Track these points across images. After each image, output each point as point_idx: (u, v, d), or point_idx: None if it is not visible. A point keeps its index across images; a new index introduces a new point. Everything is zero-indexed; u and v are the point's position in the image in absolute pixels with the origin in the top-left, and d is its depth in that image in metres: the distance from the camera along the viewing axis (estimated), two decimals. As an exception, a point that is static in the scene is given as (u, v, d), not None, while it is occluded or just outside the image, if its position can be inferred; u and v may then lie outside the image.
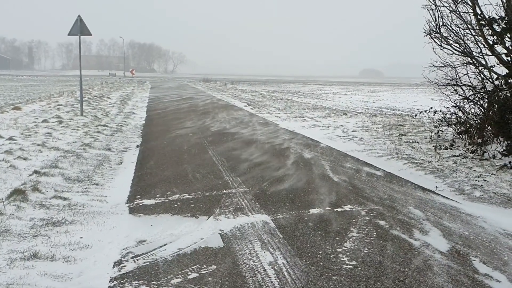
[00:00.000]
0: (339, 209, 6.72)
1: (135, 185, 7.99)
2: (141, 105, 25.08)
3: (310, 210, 6.66)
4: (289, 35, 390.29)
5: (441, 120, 13.20)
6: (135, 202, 6.95)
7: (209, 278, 4.42)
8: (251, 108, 24.66)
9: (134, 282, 4.33)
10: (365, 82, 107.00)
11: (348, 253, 5.10)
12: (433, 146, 11.95)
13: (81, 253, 5.00)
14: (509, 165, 9.40)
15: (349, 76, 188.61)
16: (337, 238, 5.57)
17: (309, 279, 4.43)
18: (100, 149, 11.03)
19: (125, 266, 4.69)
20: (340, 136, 14.53)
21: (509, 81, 10.91)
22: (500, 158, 9.94)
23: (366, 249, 5.25)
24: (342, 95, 43.64)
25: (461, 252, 5.26)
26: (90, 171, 8.82)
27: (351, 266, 4.76)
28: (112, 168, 9.28)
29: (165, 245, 5.28)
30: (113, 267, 4.67)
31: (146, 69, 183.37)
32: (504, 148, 9.97)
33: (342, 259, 4.93)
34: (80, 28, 17.59)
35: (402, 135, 14.30)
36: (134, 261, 4.80)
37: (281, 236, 5.58)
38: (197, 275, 4.50)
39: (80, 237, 5.45)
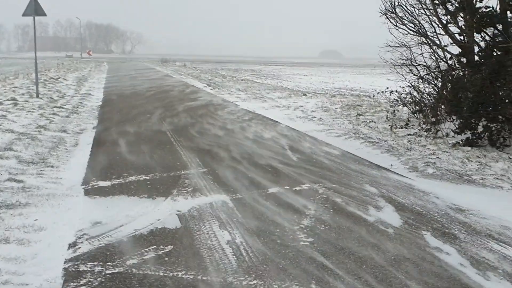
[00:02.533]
0: (297, 188, 6.82)
1: (91, 167, 7.91)
2: (98, 87, 24.71)
3: (269, 189, 6.74)
4: (250, 16, 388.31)
5: (397, 100, 13.44)
6: (91, 184, 6.90)
7: (166, 259, 4.46)
8: (211, 89, 24.58)
9: (89, 263, 4.32)
10: (325, 63, 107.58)
11: (305, 230, 5.21)
12: (389, 125, 12.19)
13: (35, 236, 4.96)
14: (461, 142, 9.67)
15: (309, 57, 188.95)
16: (295, 216, 5.67)
17: (266, 257, 4.52)
18: (55, 131, 10.87)
19: (79, 248, 4.67)
20: (299, 117, 14.67)
21: (462, 60, 11.17)
22: (452, 136, 10.21)
23: (323, 226, 5.37)
24: (302, 76, 43.82)
25: (413, 227, 5.43)
26: (45, 153, 8.70)
27: (307, 243, 4.87)
28: (68, 150, 9.18)
29: (121, 226, 5.27)
30: (68, 249, 4.65)
31: (103, 50, 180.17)
32: (457, 126, 10.23)
33: (299, 236, 5.04)
34: (34, 8, 17.14)
35: (359, 115, 14.53)
36: (89, 243, 4.79)
37: (240, 216, 5.65)
38: (154, 255, 4.52)
39: (35, 220, 5.39)
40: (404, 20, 12.09)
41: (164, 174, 7.49)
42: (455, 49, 11.48)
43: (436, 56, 12.01)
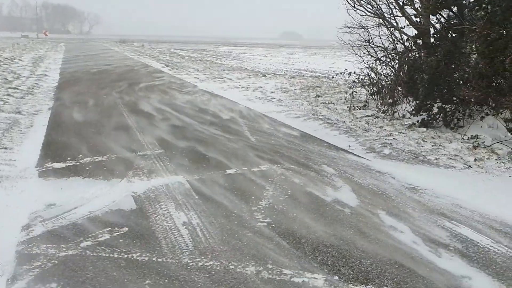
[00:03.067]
0: (255, 169, 6.83)
1: (46, 149, 7.74)
2: (54, 67, 24.16)
3: (226, 170, 6.73)
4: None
5: (355, 82, 13.56)
6: (45, 166, 6.76)
7: (121, 240, 4.41)
8: (170, 70, 24.34)
9: (42, 245, 4.25)
10: (284, 44, 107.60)
11: (262, 211, 5.23)
12: (347, 107, 12.29)
13: (-13, 219, 4.86)
14: (416, 123, 9.83)
15: (269, 38, 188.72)
16: (253, 197, 5.68)
17: (223, 238, 4.52)
18: (10, 112, 10.60)
19: (33, 230, 4.58)
20: (259, 98, 14.65)
21: (418, 42, 11.30)
22: (409, 117, 10.36)
23: (281, 206, 5.39)
24: (261, 57, 43.73)
25: (369, 206, 5.50)
26: (-2, 135, 8.49)
27: (265, 224, 4.88)
28: (22, 131, 8.96)
29: (75, 208, 5.19)
30: (21, 231, 4.56)
31: (60, 31, 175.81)
32: (413, 107, 10.39)
33: (257, 217, 5.05)
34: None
35: (318, 96, 14.60)
36: (43, 225, 4.70)
37: (196, 197, 5.63)
38: (108, 237, 4.47)
39: (-14, 202, 5.28)
40: (362, 1, 12.18)
41: (120, 156, 7.39)
42: (412, 31, 11.63)
43: (393, 37, 12.15)
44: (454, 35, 9.88)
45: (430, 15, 10.91)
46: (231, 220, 4.96)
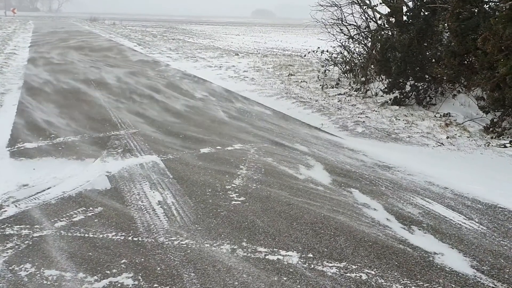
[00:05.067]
0: (229, 148, 6.82)
1: (17, 128, 7.60)
2: (23, 46, 23.63)
3: (200, 149, 6.70)
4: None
5: (328, 60, 13.57)
6: (16, 146, 6.64)
7: (95, 220, 4.38)
8: (142, 48, 24.06)
9: (15, 226, 4.19)
10: (257, 23, 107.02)
11: (236, 190, 5.23)
12: (320, 85, 12.31)
13: (-43, 201, 4.77)
14: (389, 101, 9.91)
15: (241, 17, 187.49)
16: (227, 176, 5.67)
17: (197, 216, 4.51)
18: (-22, 93, 10.39)
19: (5, 211, 4.51)
20: (231, 77, 14.59)
21: (391, 20, 11.34)
22: (381, 96, 10.44)
23: (254, 185, 5.40)
24: (234, 35, 43.44)
25: (342, 184, 5.54)
26: (-33, 115, 8.31)
27: (239, 202, 4.89)
28: (-8, 111, 8.80)
29: (48, 188, 5.12)
30: (-7, 213, 4.50)
31: (29, 9, 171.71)
32: (385, 85, 10.46)
33: (231, 196, 5.05)
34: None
35: (291, 75, 14.59)
36: (16, 206, 4.63)
37: (171, 176, 5.60)
38: (83, 217, 4.43)
39: (-43, 184, 5.17)
40: (335, -21, 12.13)
41: (94, 135, 7.30)
42: (385, 9, 11.65)
43: (366, 16, 12.16)
44: (426, 13, 9.92)
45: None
46: (205, 199, 4.95)
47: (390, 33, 11.28)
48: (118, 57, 19.27)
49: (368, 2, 11.90)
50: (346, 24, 12.52)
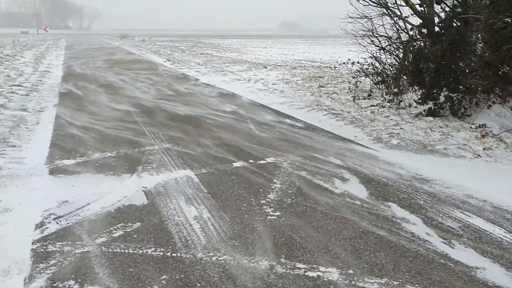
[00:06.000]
0: (262, 162, 6.77)
1: (54, 145, 7.68)
2: (56, 63, 24.06)
3: (233, 164, 6.67)
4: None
5: (359, 71, 13.48)
6: (55, 163, 6.70)
7: (135, 236, 4.37)
8: (171, 64, 24.27)
9: (57, 243, 4.21)
10: (284, 35, 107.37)
11: (272, 204, 5.17)
12: (351, 96, 12.21)
13: (0, 217, 4.80)
14: (423, 113, 9.76)
15: (268, 30, 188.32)
16: (261, 190, 5.62)
17: (234, 231, 4.46)
18: (15, 110, 10.53)
19: (47, 228, 4.54)
20: (261, 89, 14.58)
21: (423, 31, 11.22)
22: (415, 107, 10.30)
23: (290, 199, 5.33)
24: (261, 48, 43.60)
25: (379, 198, 5.44)
26: (5, 133, 8.41)
27: (275, 217, 4.83)
28: (29, 129, 8.90)
29: (88, 204, 5.15)
30: (35, 229, 4.51)
31: (60, 26, 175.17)
32: (419, 96, 10.32)
33: (267, 210, 5.00)
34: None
35: (321, 86, 14.52)
36: (57, 223, 4.66)
37: (205, 191, 5.57)
38: (122, 233, 4.43)
39: (-1, 201, 5.23)
40: (365, -9, 12.06)
41: (129, 150, 7.34)
42: (416, 20, 11.54)
43: (397, 27, 12.07)
44: (459, 24, 9.79)
45: (434, 4, 10.83)
46: (240, 213, 4.91)
47: (422, 44, 11.16)
48: (147, 73, 19.45)
49: (399, 13, 11.81)
50: (377, 35, 12.43)
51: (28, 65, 22.63)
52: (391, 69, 12.33)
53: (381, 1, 11.85)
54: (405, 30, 11.86)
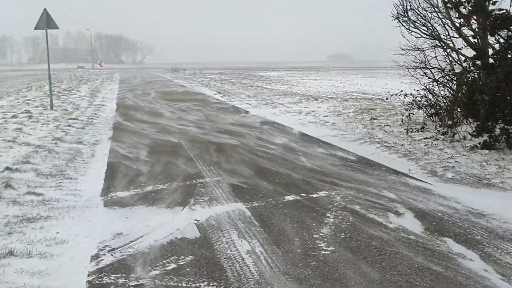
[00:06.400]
0: (314, 195, 6.76)
1: (109, 178, 7.91)
2: (110, 97, 24.77)
3: (285, 197, 6.69)
4: (255, 21, 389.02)
5: (412, 103, 13.34)
6: (110, 195, 6.89)
7: (188, 269, 4.42)
8: (222, 96, 24.62)
9: (112, 275, 4.30)
10: (334, 66, 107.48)
11: (325, 239, 5.15)
12: (404, 129, 12.08)
13: (57, 249, 4.95)
14: (478, 145, 9.57)
15: (318, 61, 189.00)
16: (314, 224, 5.61)
17: (287, 266, 4.46)
18: (71, 143, 10.89)
19: (102, 260, 4.65)
20: (312, 122, 14.60)
21: (477, 62, 11.08)
22: (470, 139, 10.10)
23: (343, 234, 5.30)
24: (312, 80, 43.75)
25: (435, 233, 5.35)
26: (62, 165, 8.71)
27: (328, 252, 4.81)
28: (85, 161, 9.18)
29: (141, 237, 5.25)
30: (91, 261, 4.63)
31: (114, 61, 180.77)
32: (474, 129, 10.13)
33: (320, 245, 4.98)
34: (46, 22, 17.24)
35: (373, 119, 14.43)
36: (111, 255, 4.77)
37: (258, 224, 5.60)
38: (175, 266, 4.49)
39: (56, 233, 5.38)
40: (416, 24, 12.03)
41: (181, 183, 7.46)
42: (469, 52, 11.41)
43: (450, 58, 11.94)
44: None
45: (488, 36, 10.69)
46: (293, 248, 4.90)
47: (476, 76, 11.00)
48: (198, 105, 19.79)
49: (452, 45, 11.70)
50: (430, 67, 12.32)
51: (84, 99, 23.39)
52: (445, 101, 12.17)
53: (433, 33, 11.78)
54: (459, 62, 11.73)
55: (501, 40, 10.32)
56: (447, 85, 12.09)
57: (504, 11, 10.15)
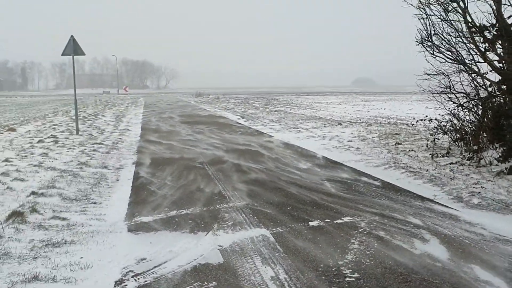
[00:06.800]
0: (338, 221, 6.72)
1: (133, 203, 7.97)
2: (135, 122, 25.03)
3: (309, 222, 6.66)
4: (279, 44, 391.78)
5: (437, 128, 13.24)
6: (133, 220, 6.94)
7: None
8: (245, 121, 24.71)
9: (137, 301, 4.32)
10: (358, 91, 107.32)
11: (350, 265, 5.11)
12: (429, 154, 11.97)
13: (82, 274, 4.99)
14: (505, 171, 9.43)
15: (342, 86, 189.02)
16: (338, 250, 5.57)
17: (312, 293, 4.43)
18: (96, 167, 11.01)
19: (126, 285, 4.67)
20: (336, 147, 14.55)
21: (502, 87, 10.97)
22: (496, 164, 9.97)
23: (368, 260, 5.25)
24: (335, 105, 43.73)
25: (461, 259, 5.27)
26: (87, 189, 8.81)
27: (353, 279, 4.77)
28: (109, 186, 9.27)
29: (165, 262, 5.27)
30: (115, 286, 4.66)
31: (139, 86, 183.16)
32: (500, 154, 10.01)
33: (344, 272, 4.94)
34: (73, 48, 17.63)
35: (398, 144, 14.33)
36: (135, 280, 4.79)
37: (281, 250, 5.58)
38: (199, 292, 4.50)
39: (80, 257, 5.43)
40: (441, 48, 11.96)
41: (204, 208, 7.49)
42: (495, 76, 11.30)
43: (475, 83, 11.85)
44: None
45: (514, 60, 10.60)
46: (318, 274, 4.87)
47: (502, 100, 10.89)
48: (222, 130, 19.87)
49: (476, 70, 11.61)
50: (455, 91, 12.24)
51: (109, 123, 23.67)
52: (470, 126, 12.05)
53: (458, 58, 11.70)
54: (484, 87, 11.63)
55: (527, 65, 10.23)
56: (472, 110, 11.98)
57: (530, 35, 10.08)
